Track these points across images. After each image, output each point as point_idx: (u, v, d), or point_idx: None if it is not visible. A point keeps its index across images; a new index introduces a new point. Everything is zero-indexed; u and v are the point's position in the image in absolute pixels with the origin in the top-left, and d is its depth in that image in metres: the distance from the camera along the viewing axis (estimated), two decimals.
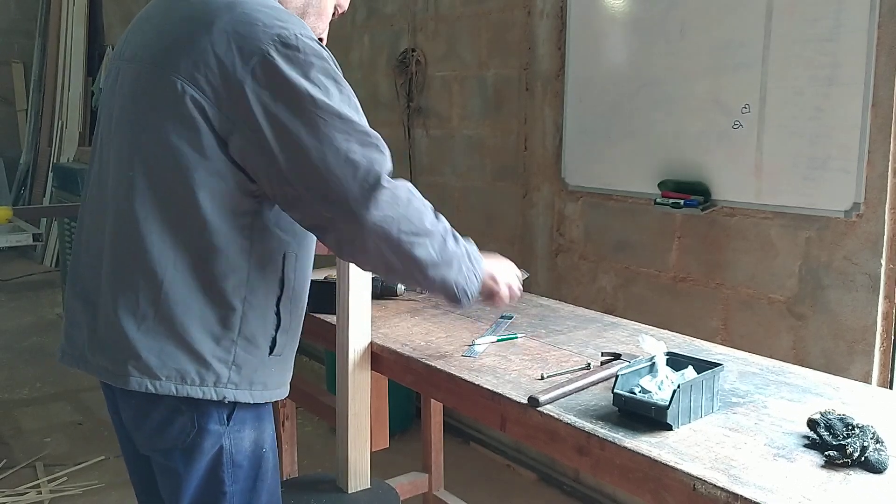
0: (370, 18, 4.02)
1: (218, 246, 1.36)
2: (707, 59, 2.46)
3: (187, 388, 1.38)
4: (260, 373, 1.45)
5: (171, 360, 1.37)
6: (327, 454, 3.43)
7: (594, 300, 2.92)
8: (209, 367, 1.39)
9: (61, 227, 5.60)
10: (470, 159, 3.49)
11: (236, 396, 1.42)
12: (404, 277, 1.47)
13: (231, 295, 1.38)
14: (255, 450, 1.50)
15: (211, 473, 1.46)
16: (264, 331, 1.44)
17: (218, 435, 1.44)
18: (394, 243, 1.35)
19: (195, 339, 1.37)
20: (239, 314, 1.40)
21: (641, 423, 1.35)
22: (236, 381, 1.42)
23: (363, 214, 1.30)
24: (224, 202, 1.35)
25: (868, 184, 2.11)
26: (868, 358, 2.17)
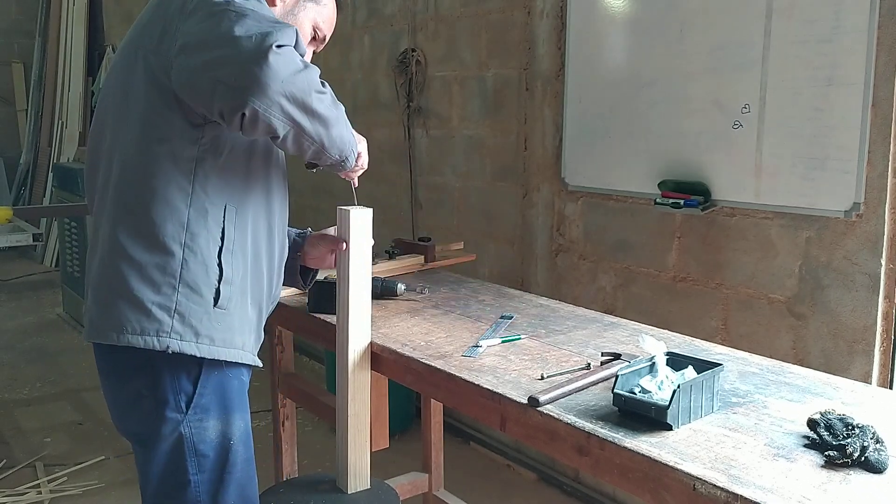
0: (370, 19, 4.02)
1: (157, 189, 1.43)
2: (707, 59, 2.46)
3: (128, 336, 1.42)
4: (206, 324, 1.47)
5: (115, 310, 1.43)
6: (327, 454, 3.44)
7: (594, 300, 2.92)
8: (150, 315, 1.42)
9: (61, 227, 5.60)
10: (470, 159, 3.50)
11: (181, 347, 1.44)
12: (311, 139, 1.44)
13: (170, 240, 1.43)
14: (222, 441, 1.53)
15: (173, 461, 1.50)
16: (207, 280, 1.46)
17: (175, 422, 1.48)
18: (299, 100, 1.37)
19: (134, 288, 1.42)
20: (178, 260, 1.43)
21: (641, 423, 1.35)
22: (180, 332, 1.44)
23: (260, 72, 1.30)
24: (168, 147, 1.43)
25: (868, 184, 2.11)
26: (868, 358, 2.17)
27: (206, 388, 1.50)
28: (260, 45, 1.31)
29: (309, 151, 1.48)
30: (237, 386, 1.56)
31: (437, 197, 3.71)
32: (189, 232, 1.44)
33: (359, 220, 1.79)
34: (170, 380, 1.48)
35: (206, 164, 1.46)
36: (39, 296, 6.39)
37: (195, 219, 1.45)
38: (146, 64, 1.45)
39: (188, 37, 1.38)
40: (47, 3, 7.74)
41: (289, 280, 1.86)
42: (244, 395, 1.59)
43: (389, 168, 3.96)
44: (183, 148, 1.44)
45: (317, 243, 1.84)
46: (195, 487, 1.50)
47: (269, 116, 1.34)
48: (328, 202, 4.40)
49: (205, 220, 1.46)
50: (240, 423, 1.56)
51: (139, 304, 1.42)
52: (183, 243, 1.44)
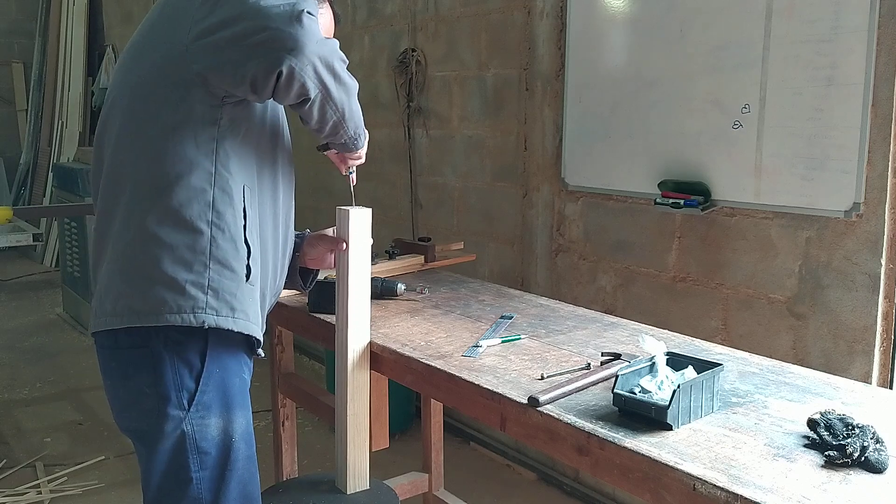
0: (370, 19, 4.02)
1: (181, 172, 1.46)
2: (707, 59, 2.46)
3: (166, 316, 1.44)
4: (240, 300, 1.49)
5: (151, 292, 1.44)
6: (327, 454, 3.44)
7: (594, 300, 2.92)
8: (185, 293, 1.44)
9: (61, 227, 5.60)
10: (470, 159, 3.50)
11: (218, 322, 1.46)
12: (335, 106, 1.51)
13: (197, 219, 1.45)
14: (224, 438, 1.53)
15: (175, 458, 1.50)
16: (237, 256, 1.49)
17: (178, 419, 1.48)
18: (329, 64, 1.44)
19: (168, 269, 1.44)
20: (207, 237, 1.46)
21: (641, 423, 1.35)
22: (215, 307, 1.46)
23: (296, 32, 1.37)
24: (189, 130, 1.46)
25: (868, 184, 2.11)
26: (868, 358, 2.17)
27: (207, 386, 1.50)
28: (291, 10, 1.37)
29: (330, 122, 1.54)
30: (238, 384, 1.57)
31: (437, 197, 3.71)
32: (215, 210, 1.47)
33: (358, 219, 1.79)
34: (172, 377, 1.48)
35: (225, 144, 1.49)
36: (39, 296, 6.39)
37: (220, 197, 1.48)
38: (161, 57, 1.48)
39: (210, 19, 1.42)
40: (47, 3, 7.74)
41: (288, 281, 1.87)
42: (246, 392, 1.59)
43: (389, 168, 3.96)
44: (203, 130, 1.47)
45: (315, 243, 1.84)
46: (197, 485, 1.51)
47: (303, 76, 1.41)
48: (328, 202, 4.40)
49: (230, 198, 1.49)
50: (241, 420, 1.56)
51: (174, 284, 1.44)
52: (210, 221, 1.46)
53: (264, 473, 2.56)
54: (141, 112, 1.50)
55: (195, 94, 1.47)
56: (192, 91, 1.46)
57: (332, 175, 4.59)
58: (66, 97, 7.54)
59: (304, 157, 4.64)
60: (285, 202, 1.69)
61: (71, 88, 7.53)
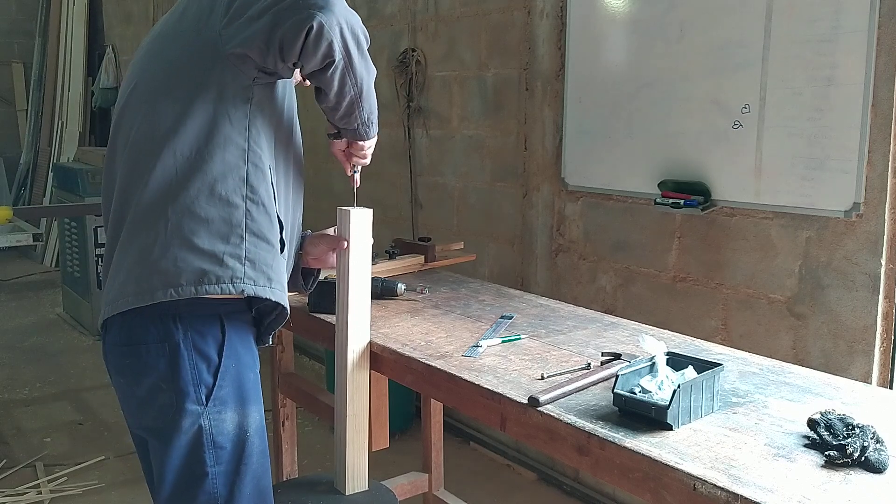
0: (370, 19, 4.02)
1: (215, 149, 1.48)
2: (707, 59, 2.46)
3: (206, 286, 1.46)
4: (276, 270, 1.53)
5: (188, 264, 1.45)
6: (327, 454, 3.44)
7: (594, 300, 2.92)
8: (223, 264, 1.47)
9: (61, 227, 5.60)
10: (470, 159, 3.49)
11: (256, 291, 1.50)
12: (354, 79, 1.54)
13: (232, 193, 1.48)
14: (239, 433, 1.54)
15: (192, 453, 1.50)
16: (272, 229, 1.53)
17: (196, 414, 1.49)
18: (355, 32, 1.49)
19: (205, 243, 1.46)
20: (242, 211, 1.49)
21: (641, 423, 1.35)
22: (253, 277, 1.49)
23: None
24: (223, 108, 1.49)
25: (868, 184, 2.11)
26: (868, 358, 2.17)
27: (224, 381, 1.51)
28: None
29: (347, 97, 1.55)
30: (253, 378, 1.58)
31: (437, 197, 3.71)
32: (249, 185, 1.50)
33: (359, 220, 1.79)
34: (190, 372, 1.49)
35: (257, 122, 1.53)
36: (39, 296, 6.39)
37: (253, 172, 1.51)
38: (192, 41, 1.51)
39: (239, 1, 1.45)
40: (47, 3, 7.74)
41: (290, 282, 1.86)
42: (258, 387, 1.61)
43: (389, 168, 3.96)
44: (236, 108, 1.50)
45: (317, 242, 1.84)
46: (212, 479, 1.51)
47: (332, 34, 1.43)
48: (328, 202, 4.40)
49: (262, 173, 1.52)
50: (255, 414, 1.57)
51: (212, 256, 1.46)
52: (245, 195, 1.49)
53: None
54: (169, 93, 1.51)
55: (228, 75, 1.49)
56: (226, 72, 1.49)
57: (333, 175, 4.59)
58: (66, 97, 7.54)
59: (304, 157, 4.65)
60: (297, 190, 1.71)
61: (71, 88, 7.52)
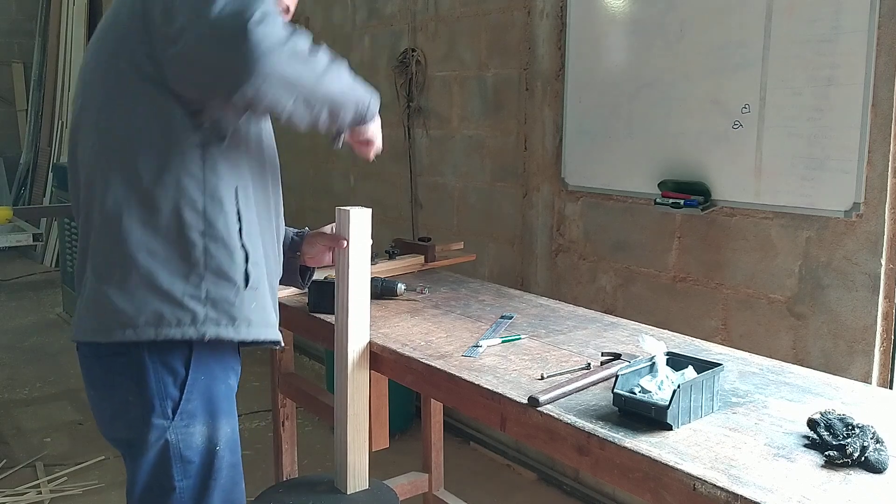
0: (370, 19, 4.02)
1: (168, 182, 1.40)
2: (707, 59, 2.46)
3: (165, 329, 1.40)
4: (239, 308, 1.46)
5: (146, 305, 1.40)
6: (327, 454, 3.44)
7: (594, 300, 2.92)
8: (184, 307, 1.41)
9: (61, 227, 5.60)
10: (470, 159, 3.49)
11: (219, 333, 1.43)
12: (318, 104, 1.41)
13: (188, 230, 1.41)
14: (208, 446, 1.50)
15: (159, 467, 1.48)
16: (232, 264, 1.45)
17: (162, 429, 1.46)
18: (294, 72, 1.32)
19: (163, 283, 1.41)
20: (200, 248, 1.42)
21: (641, 423, 1.35)
22: (215, 318, 1.43)
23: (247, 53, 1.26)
24: (172, 137, 1.40)
25: (868, 184, 2.11)
26: (868, 358, 2.17)
27: (192, 394, 1.47)
28: (239, 21, 1.25)
29: (322, 115, 1.43)
30: (224, 391, 1.54)
31: (437, 197, 3.71)
32: (206, 220, 1.42)
33: (358, 219, 1.79)
34: (155, 385, 1.45)
35: (211, 147, 1.44)
36: (39, 296, 6.39)
37: (210, 205, 1.43)
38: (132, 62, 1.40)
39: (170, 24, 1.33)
40: (47, 3, 7.74)
41: (289, 279, 1.86)
42: (232, 399, 1.56)
43: (389, 168, 3.96)
44: (186, 136, 1.41)
45: (314, 241, 1.84)
46: (180, 493, 1.49)
47: (267, 97, 1.31)
48: (328, 202, 4.41)
49: (221, 204, 1.44)
50: (226, 428, 1.53)
51: (171, 298, 1.41)
52: (203, 231, 1.42)
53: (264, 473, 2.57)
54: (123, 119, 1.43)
55: (172, 99, 1.39)
56: (169, 95, 1.39)
57: (333, 175, 4.60)
58: (66, 97, 7.54)
59: (304, 158, 4.65)
60: (275, 192, 1.65)
61: (71, 88, 7.52)
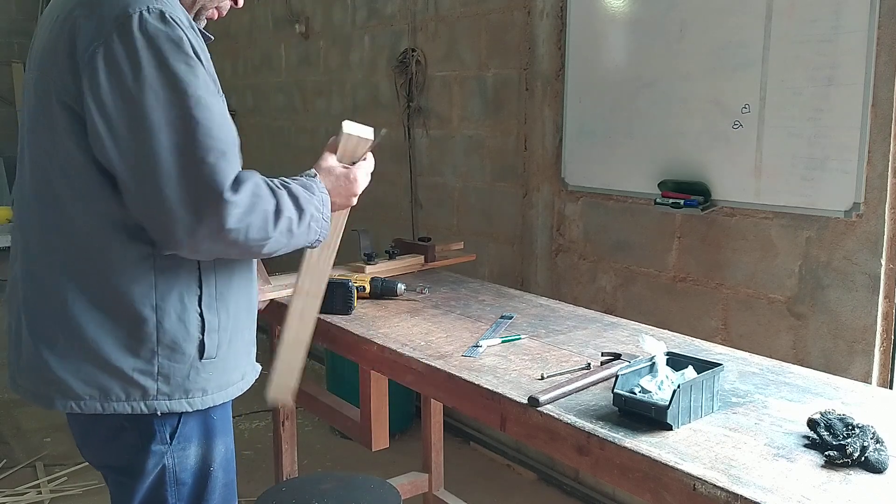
0: (370, 19, 4.02)
1: (114, 259, 1.32)
2: (707, 59, 2.46)
3: (113, 404, 1.35)
4: (194, 380, 1.40)
5: (91, 378, 1.34)
6: (327, 454, 3.44)
7: (594, 300, 2.92)
8: (132, 382, 1.35)
9: None
10: (470, 159, 3.50)
11: (171, 407, 1.38)
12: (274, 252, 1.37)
13: (139, 304, 1.33)
14: (202, 467, 1.47)
15: (153, 491, 1.44)
16: (187, 336, 1.37)
17: (160, 455, 1.42)
18: (252, 241, 1.30)
19: (111, 356, 1.34)
20: (152, 323, 1.34)
21: (641, 423, 1.35)
22: (167, 392, 1.37)
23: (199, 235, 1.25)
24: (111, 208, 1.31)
25: (868, 184, 2.11)
26: (868, 358, 2.17)
27: (190, 417, 1.44)
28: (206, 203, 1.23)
29: (279, 251, 1.39)
30: (220, 410, 1.50)
31: (437, 197, 3.71)
32: (158, 293, 1.34)
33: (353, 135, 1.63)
34: None
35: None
36: None
37: (162, 278, 1.34)
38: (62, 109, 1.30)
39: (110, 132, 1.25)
40: (47, 4, 7.74)
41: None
42: (227, 417, 1.53)
43: (389, 168, 3.96)
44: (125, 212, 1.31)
45: None
46: None
47: (206, 256, 1.34)
48: None
49: (175, 276, 1.35)
50: (221, 448, 1.50)
51: (119, 373, 1.34)
52: (154, 305, 1.34)
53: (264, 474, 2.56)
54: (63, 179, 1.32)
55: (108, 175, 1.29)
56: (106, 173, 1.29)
57: None
58: None
59: (304, 158, 4.65)
60: None
61: None
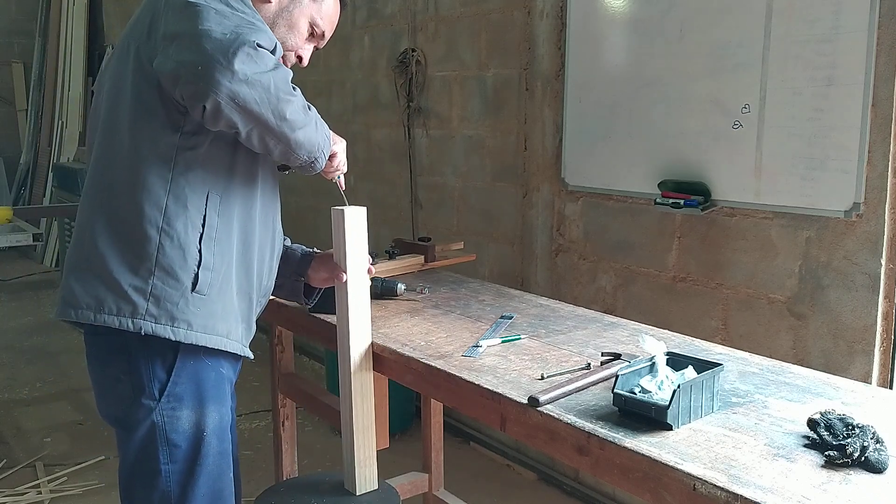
0: (370, 19, 4.02)
1: (137, 174, 1.46)
2: (707, 59, 2.46)
3: (104, 316, 1.44)
4: (183, 309, 1.48)
5: (92, 289, 1.45)
6: (327, 454, 3.44)
7: (594, 300, 2.92)
8: (126, 298, 1.45)
9: (61, 227, 5.61)
10: (470, 159, 3.50)
11: (155, 330, 1.45)
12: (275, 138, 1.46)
13: (147, 224, 1.45)
14: (196, 432, 1.53)
15: (146, 448, 1.51)
16: (184, 265, 1.48)
17: (149, 409, 1.50)
18: (263, 99, 1.39)
19: (113, 271, 1.45)
20: (155, 244, 1.45)
21: (641, 423, 1.35)
22: (155, 314, 1.46)
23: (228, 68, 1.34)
24: (149, 134, 1.46)
25: (868, 184, 2.11)
26: (868, 358, 2.17)
27: (180, 377, 1.51)
28: (231, 42, 1.34)
29: (275, 151, 1.50)
30: (214, 377, 1.56)
31: (437, 197, 3.71)
32: (166, 217, 1.46)
33: (353, 219, 1.78)
34: (145, 366, 1.49)
35: (186, 151, 1.48)
36: (39, 296, 6.39)
37: (173, 204, 1.47)
38: (136, 55, 1.49)
39: (168, 26, 1.41)
40: (47, 3, 7.74)
41: (293, 298, 1.91)
42: (223, 386, 1.58)
43: (389, 168, 3.96)
44: (164, 135, 1.47)
45: (318, 268, 1.85)
46: (165, 477, 1.52)
47: (230, 113, 1.38)
48: (327, 203, 4.40)
49: (184, 206, 1.48)
50: (214, 415, 1.55)
51: (116, 286, 1.45)
52: (160, 228, 1.46)
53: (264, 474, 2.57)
54: (121, 109, 1.51)
55: (161, 98, 1.46)
56: (158, 94, 1.46)
57: None
58: (66, 97, 7.54)
59: None
60: (269, 205, 1.67)
61: (71, 88, 7.52)
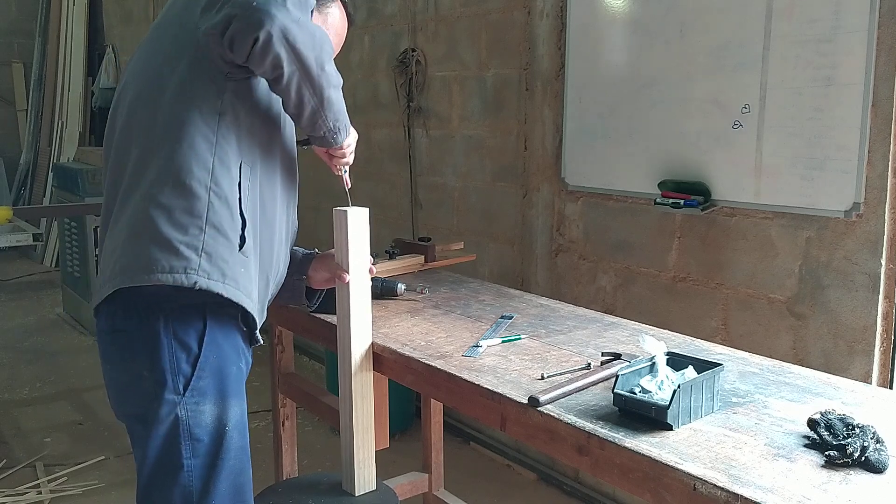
0: (370, 19, 4.02)
1: (184, 137, 1.49)
2: (707, 59, 2.46)
3: (157, 275, 1.45)
4: (232, 267, 1.51)
5: (145, 252, 1.46)
6: (327, 454, 3.44)
7: (594, 300, 2.92)
8: (178, 254, 1.46)
9: (61, 227, 5.60)
10: (470, 159, 3.50)
11: (209, 286, 1.47)
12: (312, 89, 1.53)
13: (196, 183, 1.48)
14: (218, 426, 1.53)
15: (168, 443, 1.51)
16: (232, 224, 1.51)
17: (173, 404, 1.49)
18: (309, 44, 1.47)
19: (163, 229, 1.46)
20: (205, 202, 1.48)
21: (641, 423, 1.35)
22: (207, 270, 1.47)
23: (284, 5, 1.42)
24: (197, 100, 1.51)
25: (868, 184, 2.11)
26: (868, 358, 2.17)
27: (203, 371, 1.51)
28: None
29: (307, 108, 1.54)
30: (235, 372, 1.57)
31: (437, 197, 3.71)
32: (213, 177, 1.50)
33: (356, 220, 1.78)
34: (169, 360, 1.49)
35: (226, 118, 1.53)
36: (39, 296, 6.39)
37: (219, 167, 1.51)
38: (179, 27, 1.55)
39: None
40: (47, 3, 7.74)
41: (295, 301, 1.90)
42: (241, 382, 1.60)
43: (389, 168, 3.96)
44: (208, 101, 1.51)
45: (319, 268, 1.85)
46: (188, 472, 1.51)
47: (279, 48, 1.43)
48: (328, 203, 4.40)
49: (227, 169, 1.52)
50: (236, 409, 1.56)
51: (168, 245, 1.46)
52: (209, 187, 1.49)
53: (264, 473, 2.57)
54: (156, 80, 1.55)
55: (201, 66, 1.51)
56: (200, 63, 1.51)
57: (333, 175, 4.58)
58: (66, 97, 7.54)
59: (303, 158, 4.65)
60: (285, 191, 1.70)
61: (71, 88, 7.52)
